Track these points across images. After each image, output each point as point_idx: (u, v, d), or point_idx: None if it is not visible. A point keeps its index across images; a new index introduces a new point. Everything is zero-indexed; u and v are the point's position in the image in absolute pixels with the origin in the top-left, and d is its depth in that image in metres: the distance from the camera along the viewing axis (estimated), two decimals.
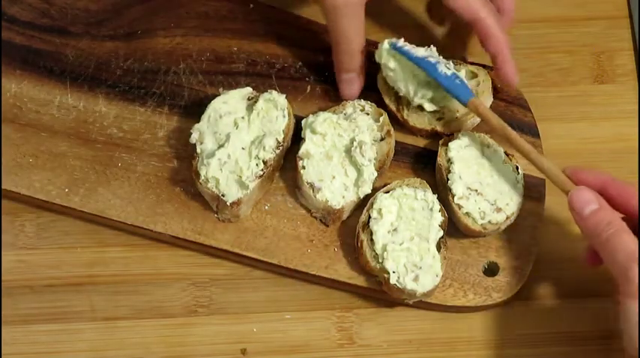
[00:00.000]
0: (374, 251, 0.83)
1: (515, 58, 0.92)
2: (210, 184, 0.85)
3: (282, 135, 0.87)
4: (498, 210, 0.85)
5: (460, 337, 0.86)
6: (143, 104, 0.92)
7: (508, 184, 0.86)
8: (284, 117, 0.87)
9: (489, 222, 0.85)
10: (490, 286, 0.85)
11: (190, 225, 0.87)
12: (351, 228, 0.86)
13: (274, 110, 0.87)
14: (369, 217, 0.84)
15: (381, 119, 0.89)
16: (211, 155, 0.85)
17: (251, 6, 0.97)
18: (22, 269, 0.89)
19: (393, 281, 0.82)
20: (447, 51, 0.91)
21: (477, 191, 0.86)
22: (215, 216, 0.87)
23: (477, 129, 0.90)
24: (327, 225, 0.87)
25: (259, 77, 0.93)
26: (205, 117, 0.87)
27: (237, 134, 0.86)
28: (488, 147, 0.88)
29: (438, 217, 0.84)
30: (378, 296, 0.86)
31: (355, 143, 0.86)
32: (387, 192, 0.85)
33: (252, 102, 0.88)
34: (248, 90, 0.89)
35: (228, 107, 0.88)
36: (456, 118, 0.89)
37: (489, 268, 0.86)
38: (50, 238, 0.90)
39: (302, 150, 0.87)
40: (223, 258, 0.88)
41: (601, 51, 0.97)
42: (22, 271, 0.88)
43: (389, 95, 0.90)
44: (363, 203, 0.86)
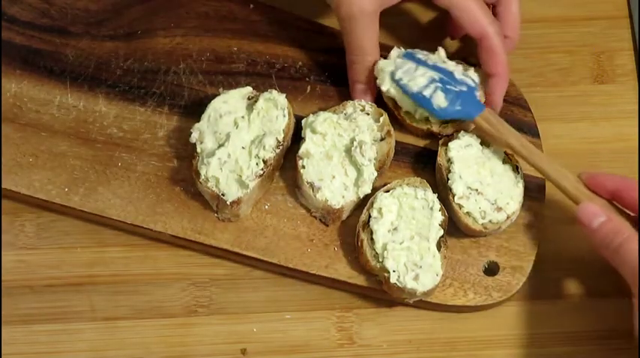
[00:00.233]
0: (374, 250, 0.83)
1: (515, 58, 0.92)
2: (210, 183, 0.85)
3: (282, 135, 0.87)
4: (499, 209, 0.85)
5: (460, 337, 0.86)
6: (143, 104, 0.92)
7: (508, 184, 0.86)
8: (284, 116, 0.87)
9: (490, 221, 0.85)
10: (490, 285, 0.85)
11: (190, 224, 0.87)
12: (351, 227, 0.86)
13: (274, 109, 0.87)
14: (370, 216, 0.84)
15: (381, 119, 0.88)
16: (211, 154, 0.85)
17: (251, 6, 0.97)
18: (22, 269, 0.88)
19: (393, 280, 0.82)
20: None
21: (477, 190, 0.85)
22: (215, 216, 0.87)
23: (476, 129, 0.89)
24: (327, 225, 0.87)
25: (259, 77, 0.93)
26: (205, 116, 0.87)
27: (238, 133, 0.86)
28: (489, 146, 0.88)
29: (438, 216, 0.84)
30: (378, 295, 0.86)
31: (355, 143, 0.86)
32: (388, 191, 0.85)
33: (252, 101, 0.88)
34: (248, 89, 0.89)
35: (228, 106, 0.88)
36: (455, 121, 0.89)
37: (489, 267, 0.86)
38: (50, 238, 0.89)
39: (302, 149, 0.87)
40: (223, 258, 0.88)
41: (601, 51, 0.97)
42: (22, 271, 0.88)
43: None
44: (363, 203, 0.86)
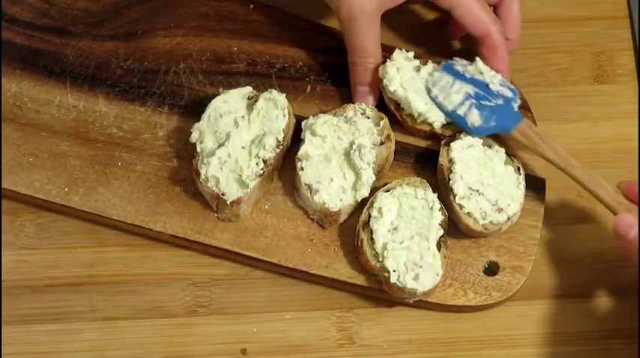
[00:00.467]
0: (374, 250, 0.83)
1: (515, 58, 0.92)
2: (210, 183, 0.85)
3: (282, 135, 0.87)
4: (500, 210, 0.85)
5: (460, 337, 0.86)
6: (143, 104, 0.92)
7: (510, 185, 0.86)
8: (284, 116, 0.87)
9: (490, 222, 0.85)
10: (490, 285, 0.85)
11: (190, 224, 0.87)
12: (351, 227, 0.86)
13: (274, 109, 0.87)
14: (369, 216, 0.84)
15: (381, 123, 0.88)
16: (211, 154, 0.85)
17: (251, 6, 0.97)
18: (22, 269, 0.88)
19: (393, 280, 0.82)
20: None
21: (478, 191, 0.85)
22: (215, 216, 0.87)
23: None
24: (324, 227, 0.87)
25: (259, 77, 0.93)
26: (205, 116, 0.87)
27: (238, 133, 0.86)
28: (490, 147, 0.88)
29: (438, 216, 0.84)
30: (378, 295, 0.86)
31: (354, 146, 0.86)
32: (388, 191, 0.85)
33: (252, 101, 0.88)
34: (248, 89, 0.89)
35: (228, 106, 0.88)
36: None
37: (489, 267, 0.86)
38: (50, 238, 0.89)
39: (301, 151, 0.87)
40: (223, 258, 0.88)
41: (601, 51, 0.97)
42: (22, 271, 0.88)
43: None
44: (361, 206, 0.86)
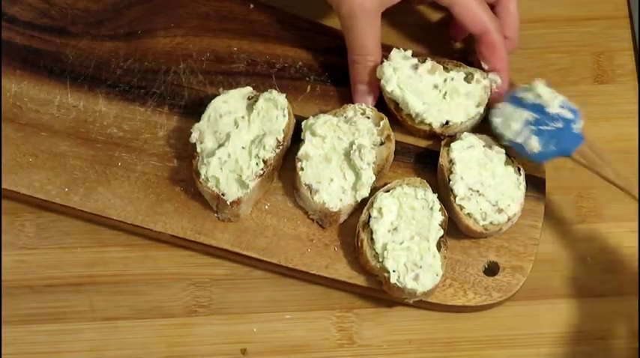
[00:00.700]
0: (374, 250, 0.83)
1: (515, 58, 0.92)
2: (210, 183, 0.85)
3: (282, 135, 0.87)
4: (500, 211, 0.85)
5: (460, 337, 0.86)
6: (143, 104, 0.92)
7: (510, 185, 0.86)
8: (284, 116, 0.87)
9: (491, 223, 0.85)
10: (490, 286, 0.85)
11: (190, 224, 0.87)
12: (351, 227, 0.86)
13: (274, 109, 0.87)
14: (369, 216, 0.84)
15: (381, 123, 0.88)
16: (211, 154, 0.85)
17: (251, 6, 0.96)
18: (22, 269, 0.88)
19: (393, 280, 0.82)
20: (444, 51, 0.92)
21: (478, 192, 0.85)
22: (215, 216, 0.87)
23: (477, 130, 0.89)
24: (324, 228, 0.87)
25: (259, 77, 0.93)
26: (205, 116, 0.87)
27: (238, 133, 0.86)
28: (491, 148, 0.87)
29: (438, 216, 0.84)
30: (378, 295, 0.86)
31: (354, 146, 0.86)
32: (388, 191, 0.85)
33: (252, 101, 0.88)
34: (248, 89, 0.89)
35: (228, 106, 0.87)
36: (457, 124, 0.89)
37: (489, 268, 0.86)
38: (50, 238, 0.89)
39: (301, 151, 0.86)
40: (223, 258, 0.88)
41: (601, 51, 0.97)
42: (22, 271, 0.88)
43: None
44: (361, 206, 0.86)
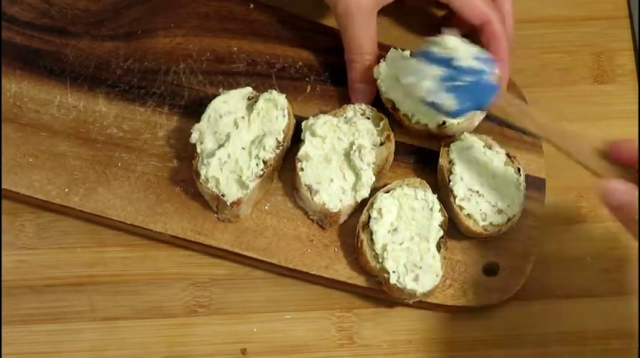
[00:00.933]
0: (374, 251, 0.83)
1: (515, 58, 0.92)
2: (210, 184, 0.85)
3: (282, 135, 0.87)
4: (500, 211, 0.85)
5: (460, 337, 0.86)
6: (143, 104, 0.92)
7: (510, 186, 0.86)
8: (284, 116, 0.87)
9: (491, 223, 0.85)
10: (490, 286, 0.85)
11: (190, 224, 0.87)
12: (351, 228, 0.86)
13: (274, 110, 0.87)
14: (369, 217, 0.84)
15: (381, 124, 0.88)
16: (211, 155, 0.85)
17: (251, 6, 0.96)
18: (22, 269, 0.88)
19: (393, 281, 0.82)
20: None
21: (478, 193, 0.85)
22: (215, 216, 0.87)
23: (477, 131, 0.89)
24: (324, 228, 0.87)
25: (259, 77, 0.93)
26: (205, 116, 0.87)
27: (238, 134, 0.86)
28: (490, 148, 0.88)
29: (438, 217, 0.84)
30: (378, 296, 0.86)
31: (354, 147, 0.86)
32: (387, 191, 0.85)
33: (252, 101, 0.88)
34: (248, 90, 0.89)
35: (228, 107, 0.87)
36: (453, 124, 0.89)
37: (489, 268, 0.86)
38: (50, 238, 0.89)
39: (301, 152, 0.86)
40: (223, 258, 0.88)
41: (601, 51, 0.97)
42: (22, 271, 0.88)
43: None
44: (361, 206, 0.86)
